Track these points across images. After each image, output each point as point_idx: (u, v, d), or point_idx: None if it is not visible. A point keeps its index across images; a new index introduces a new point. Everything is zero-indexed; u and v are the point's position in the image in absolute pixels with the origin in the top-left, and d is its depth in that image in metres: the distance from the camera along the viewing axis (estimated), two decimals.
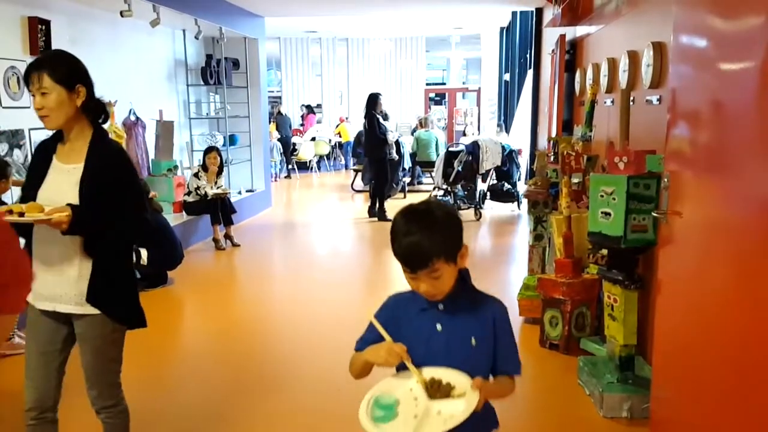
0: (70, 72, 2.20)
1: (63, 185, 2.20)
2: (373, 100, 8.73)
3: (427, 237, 1.54)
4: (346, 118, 15.74)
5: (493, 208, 9.62)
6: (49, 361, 2.33)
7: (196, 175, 7.26)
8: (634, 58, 4.04)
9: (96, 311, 2.26)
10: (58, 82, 2.15)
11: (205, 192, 7.11)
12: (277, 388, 3.70)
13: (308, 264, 6.91)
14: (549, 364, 3.94)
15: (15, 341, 4.18)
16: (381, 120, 8.78)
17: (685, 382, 2.51)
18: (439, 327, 1.63)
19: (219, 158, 7.27)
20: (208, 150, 7.35)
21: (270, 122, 13.65)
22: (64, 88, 2.16)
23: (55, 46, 5.70)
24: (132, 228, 2.33)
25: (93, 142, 2.24)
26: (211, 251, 7.09)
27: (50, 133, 2.30)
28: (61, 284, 2.24)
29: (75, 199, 2.16)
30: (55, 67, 2.17)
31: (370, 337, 1.70)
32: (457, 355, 1.60)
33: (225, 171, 7.83)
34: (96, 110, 2.28)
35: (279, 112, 14.68)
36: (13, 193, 4.87)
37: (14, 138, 5.31)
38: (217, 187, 7.20)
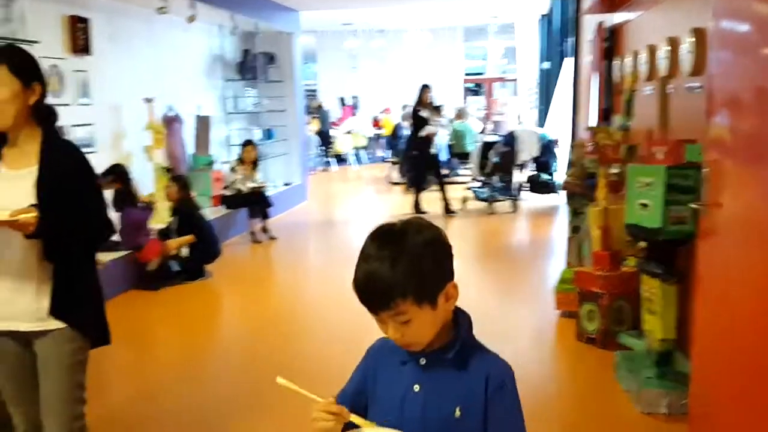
0: (29, 67, 2.04)
1: (14, 191, 1.99)
2: (419, 92, 8.58)
3: (389, 267, 1.19)
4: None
5: (530, 200, 9.50)
6: (27, 384, 2.13)
7: (232, 169, 7.34)
8: (674, 44, 3.92)
9: (61, 325, 2.05)
10: (16, 75, 1.98)
11: (239, 189, 7.19)
12: (310, 382, 3.70)
13: (343, 257, 6.89)
14: (585, 359, 3.88)
15: None
16: (423, 113, 8.53)
17: (725, 378, 2.44)
18: (416, 388, 1.28)
19: (255, 151, 7.33)
20: (245, 143, 7.43)
21: (310, 116, 13.73)
22: (21, 82, 1.99)
23: (94, 43, 5.82)
24: (96, 227, 2.14)
25: (45, 141, 2.05)
26: (248, 244, 7.17)
27: None
28: (17, 300, 2.02)
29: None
30: (15, 60, 2.01)
31: (349, 389, 1.41)
32: (434, 428, 1.26)
33: (261, 165, 7.89)
34: (46, 112, 2.10)
35: (320, 106, 14.70)
36: None
37: None
38: (253, 181, 7.26)
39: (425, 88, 8.63)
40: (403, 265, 1.20)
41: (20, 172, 2.03)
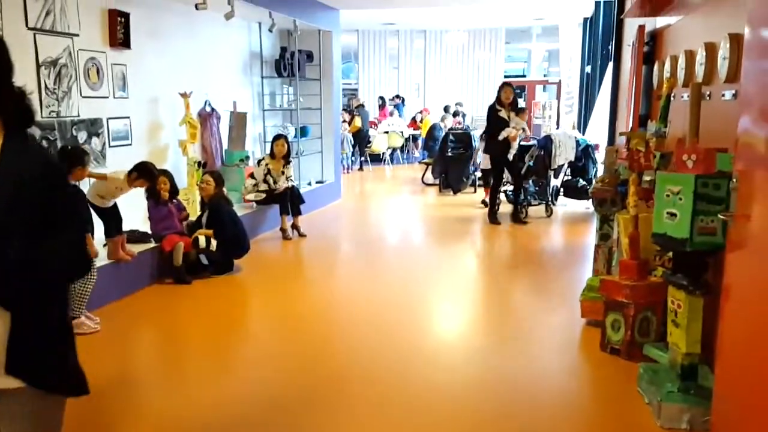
0: None
1: None
2: (498, 90, 7.99)
3: None
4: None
5: (566, 205, 9.36)
6: None
7: (259, 162, 7.39)
8: (711, 50, 3.81)
9: (21, 384, 1.61)
10: None
11: (258, 185, 7.28)
12: (336, 377, 3.71)
13: (372, 256, 6.90)
14: (608, 370, 3.79)
15: (81, 320, 4.37)
16: (502, 113, 7.81)
17: (750, 395, 2.35)
18: None
19: (286, 145, 7.34)
20: (276, 137, 7.47)
21: (350, 114, 13.76)
22: None
23: (133, 38, 5.92)
24: (65, 259, 1.64)
25: (5, 146, 1.58)
26: (278, 240, 7.21)
27: None
28: None
29: None
30: None
31: None
32: None
33: (296, 162, 7.93)
34: (9, 106, 1.59)
35: (362, 105, 14.71)
36: (88, 182, 5.11)
37: (93, 126, 5.54)
38: (286, 178, 7.30)
39: (506, 86, 7.94)
40: None
41: None
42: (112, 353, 4.14)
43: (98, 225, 4.97)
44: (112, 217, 5.05)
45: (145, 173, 5.06)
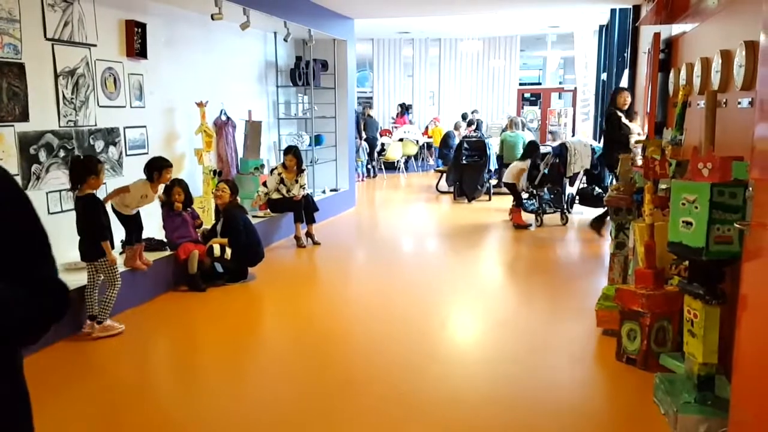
0: None
1: None
2: (613, 95, 7.48)
3: None
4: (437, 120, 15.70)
5: (582, 213, 9.30)
6: None
7: (272, 171, 7.42)
8: (727, 57, 3.78)
9: None
10: None
11: (266, 193, 7.31)
12: (348, 385, 3.71)
13: (387, 264, 6.89)
14: (624, 380, 3.75)
15: (108, 323, 4.41)
16: (623, 119, 7.24)
17: None
18: None
19: (296, 159, 7.34)
20: (286, 151, 7.48)
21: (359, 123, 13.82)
22: None
23: (150, 47, 5.98)
24: (44, 300, 1.20)
25: None
26: (293, 249, 7.23)
27: None
28: None
29: None
30: None
31: None
32: None
33: (310, 171, 7.94)
34: None
35: (369, 115, 14.76)
36: (107, 188, 5.16)
37: (110, 135, 5.61)
38: (300, 186, 7.31)
39: (623, 91, 7.42)
40: None
41: None
42: (127, 359, 4.17)
43: (117, 232, 5.02)
44: (133, 226, 5.09)
45: (155, 167, 5.06)
